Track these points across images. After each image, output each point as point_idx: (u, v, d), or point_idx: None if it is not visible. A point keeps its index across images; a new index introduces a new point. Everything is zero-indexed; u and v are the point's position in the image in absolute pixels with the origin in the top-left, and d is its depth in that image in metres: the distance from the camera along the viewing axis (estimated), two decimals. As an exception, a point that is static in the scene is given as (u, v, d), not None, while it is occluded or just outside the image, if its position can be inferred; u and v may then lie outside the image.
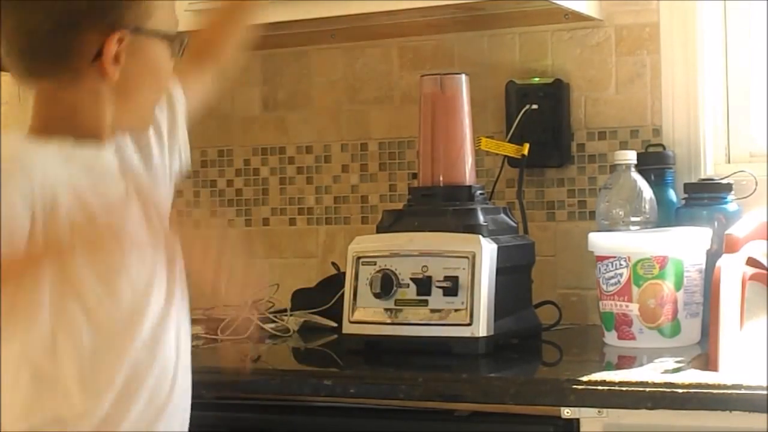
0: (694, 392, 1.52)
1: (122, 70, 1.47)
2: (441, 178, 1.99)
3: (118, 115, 1.50)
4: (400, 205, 2.07)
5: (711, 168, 2.19)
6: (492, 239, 1.90)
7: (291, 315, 2.21)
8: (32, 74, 1.49)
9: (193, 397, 1.57)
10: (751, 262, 1.86)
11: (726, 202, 2.04)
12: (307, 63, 2.48)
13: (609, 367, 1.81)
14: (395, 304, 1.90)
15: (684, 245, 1.89)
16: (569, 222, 2.28)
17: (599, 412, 1.59)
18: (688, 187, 2.09)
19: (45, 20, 1.44)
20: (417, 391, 1.67)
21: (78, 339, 1.42)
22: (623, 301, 1.88)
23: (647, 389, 1.55)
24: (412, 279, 1.89)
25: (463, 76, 2.02)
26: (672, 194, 2.13)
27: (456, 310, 1.86)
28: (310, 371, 1.88)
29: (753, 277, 1.85)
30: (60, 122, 1.49)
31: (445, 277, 1.86)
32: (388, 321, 1.90)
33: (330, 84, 2.48)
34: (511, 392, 1.64)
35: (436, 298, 1.87)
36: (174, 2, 1.55)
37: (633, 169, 2.02)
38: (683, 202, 2.09)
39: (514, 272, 1.97)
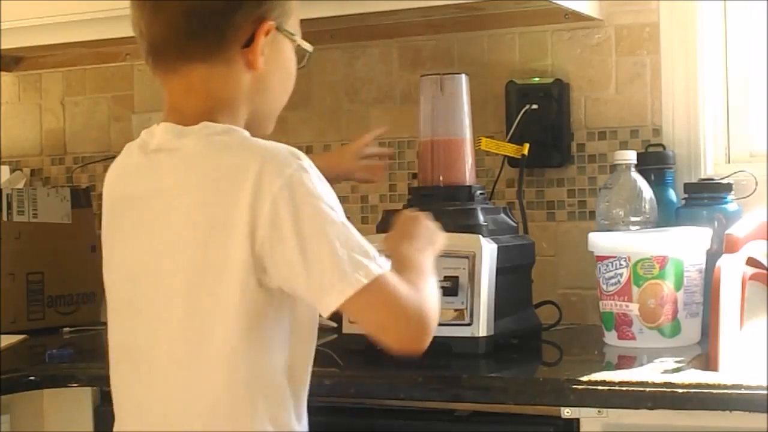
0: (694, 392, 1.52)
1: (262, 64, 1.48)
2: (441, 178, 1.98)
3: (248, 112, 1.50)
4: (400, 205, 2.07)
5: (711, 168, 2.19)
6: (492, 239, 1.90)
7: (291, 315, 2.20)
8: (186, 58, 1.47)
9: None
10: (751, 262, 1.86)
11: (726, 202, 2.04)
12: (307, 63, 2.48)
13: (609, 367, 1.81)
14: (395, 304, 1.90)
15: (684, 245, 1.88)
16: (569, 222, 2.28)
17: (599, 412, 1.59)
18: (688, 187, 2.09)
19: (208, 2, 1.45)
20: (417, 391, 1.67)
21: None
22: (623, 301, 1.88)
23: (647, 389, 1.55)
24: (412, 279, 1.88)
25: (463, 77, 2.01)
26: (672, 194, 2.13)
27: (456, 310, 1.86)
28: (310, 371, 1.87)
29: (753, 277, 1.85)
30: (205, 112, 1.46)
31: (445, 277, 1.86)
32: (388, 321, 1.89)
33: (330, 84, 2.48)
34: (511, 392, 1.64)
35: (436, 298, 1.87)
36: (298, 14, 1.56)
37: (633, 169, 2.02)
38: (683, 202, 2.09)
39: (514, 272, 1.97)
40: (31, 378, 1.95)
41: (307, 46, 1.56)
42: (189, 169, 1.42)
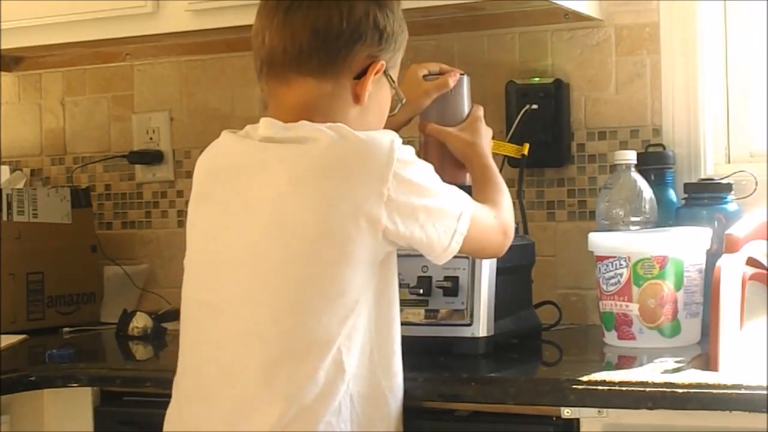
0: (694, 392, 1.52)
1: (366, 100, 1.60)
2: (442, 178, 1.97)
3: None
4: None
5: (711, 168, 2.19)
6: (492, 239, 1.89)
7: (291, 315, 2.20)
8: (300, 71, 1.57)
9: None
10: (751, 262, 1.86)
11: (726, 202, 2.03)
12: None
13: (609, 367, 1.81)
14: (395, 304, 1.90)
15: (684, 245, 1.88)
16: (569, 222, 2.28)
17: (599, 412, 1.59)
18: (688, 187, 2.09)
19: (337, 24, 1.55)
20: (417, 391, 1.67)
21: None
22: (623, 301, 1.88)
23: (647, 389, 1.55)
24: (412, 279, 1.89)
25: (466, 77, 2.00)
26: (672, 194, 2.13)
27: (456, 310, 1.86)
28: (310, 371, 1.87)
29: (753, 277, 1.85)
30: (305, 118, 1.55)
31: (445, 277, 1.86)
32: (388, 321, 1.89)
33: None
34: (511, 392, 1.64)
35: (436, 298, 1.87)
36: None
37: (633, 169, 2.02)
38: (683, 202, 2.09)
39: (514, 272, 1.97)
40: (31, 378, 1.95)
41: (402, 96, 1.68)
42: (316, 152, 1.50)
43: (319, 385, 1.48)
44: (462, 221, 1.58)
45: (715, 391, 1.51)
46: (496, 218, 1.69)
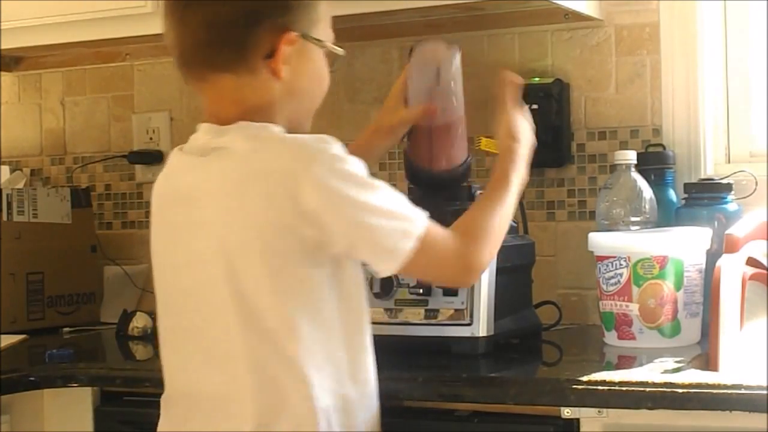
0: (694, 392, 1.52)
1: (289, 72, 1.55)
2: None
3: (283, 117, 1.56)
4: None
5: (711, 168, 2.19)
6: (492, 239, 1.89)
7: (291, 315, 2.20)
8: (213, 68, 1.54)
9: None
10: (751, 262, 1.86)
11: (726, 202, 2.04)
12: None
13: (609, 367, 1.81)
14: (395, 304, 1.90)
15: (684, 245, 1.88)
16: (569, 222, 2.28)
17: (599, 412, 1.59)
18: (688, 187, 2.09)
19: (229, 13, 1.51)
20: (417, 391, 1.67)
21: None
22: (623, 301, 1.88)
23: (647, 389, 1.55)
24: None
25: (457, 52, 1.91)
26: (672, 194, 2.13)
27: (456, 310, 1.86)
28: (310, 371, 1.87)
29: (753, 277, 1.85)
30: (240, 117, 1.53)
31: (446, 276, 1.86)
32: (388, 321, 1.89)
33: (330, 84, 2.47)
34: (511, 392, 1.64)
35: (436, 298, 1.87)
36: (330, 18, 1.62)
37: (633, 169, 2.02)
38: (683, 202, 2.09)
39: (514, 272, 1.97)
40: (31, 378, 1.95)
41: (339, 51, 1.62)
42: (233, 164, 1.48)
43: (288, 402, 1.46)
44: (403, 244, 1.48)
45: (715, 391, 1.51)
46: (459, 248, 1.56)
